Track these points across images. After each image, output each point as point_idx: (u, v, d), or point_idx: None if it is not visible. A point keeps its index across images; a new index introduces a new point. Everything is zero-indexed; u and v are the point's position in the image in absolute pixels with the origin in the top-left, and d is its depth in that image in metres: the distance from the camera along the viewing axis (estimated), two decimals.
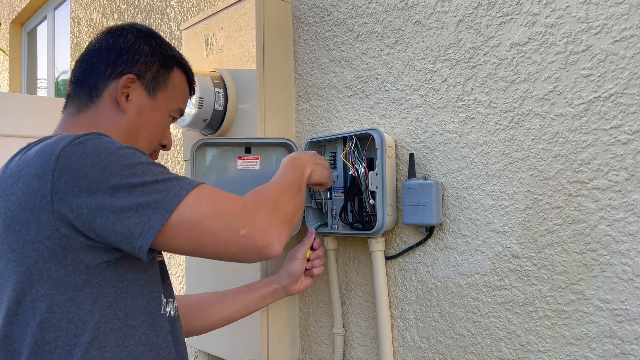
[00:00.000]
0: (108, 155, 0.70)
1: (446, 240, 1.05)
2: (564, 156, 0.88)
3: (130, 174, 0.70)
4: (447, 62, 1.04)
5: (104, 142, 0.72)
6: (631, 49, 0.80)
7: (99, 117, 0.87)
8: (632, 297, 0.80)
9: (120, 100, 0.86)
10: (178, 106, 0.95)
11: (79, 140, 0.71)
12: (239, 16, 1.33)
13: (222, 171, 1.22)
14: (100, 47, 0.88)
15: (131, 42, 0.89)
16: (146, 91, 0.89)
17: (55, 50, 3.81)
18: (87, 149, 0.70)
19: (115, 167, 0.70)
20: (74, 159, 0.69)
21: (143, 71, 0.88)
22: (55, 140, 0.72)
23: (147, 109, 0.90)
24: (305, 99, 1.36)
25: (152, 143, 0.93)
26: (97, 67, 0.87)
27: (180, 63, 0.95)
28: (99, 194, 0.69)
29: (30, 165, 0.71)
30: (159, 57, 0.91)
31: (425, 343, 1.09)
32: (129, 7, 2.38)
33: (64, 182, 0.69)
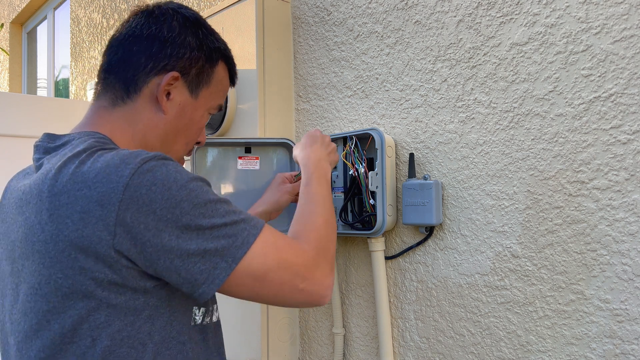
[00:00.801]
0: (179, 190, 0.66)
1: (446, 240, 1.05)
2: (564, 156, 0.88)
3: (199, 214, 0.66)
4: (447, 62, 1.04)
5: (172, 171, 0.66)
6: (631, 49, 0.80)
7: (135, 115, 0.79)
8: (632, 297, 0.80)
9: (162, 100, 0.79)
10: (218, 102, 0.88)
11: (146, 167, 0.65)
12: (239, 16, 1.33)
13: (222, 171, 1.22)
14: (141, 34, 0.78)
15: (176, 32, 0.79)
16: (189, 89, 0.81)
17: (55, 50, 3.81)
18: (156, 180, 0.65)
19: (185, 206, 0.65)
20: (142, 191, 0.64)
21: (187, 67, 0.80)
22: (117, 160, 0.65)
23: (188, 109, 0.82)
24: (305, 99, 1.36)
25: (189, 144, 0.87)
26: (136, 58, 0.78)
27: (225, 55, 0.87)
28: (166, 234, 0.65)
29: (90, 188, 0.64)
30: (205, 52, 0.82)
31: (425, 343, 1.09)
32: (129, 7, 2.38)
33: (130, 216, 0.64)
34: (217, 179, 1.21)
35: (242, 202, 1.24)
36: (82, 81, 2.92)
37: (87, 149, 0.69)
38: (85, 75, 2.89)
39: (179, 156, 0.88)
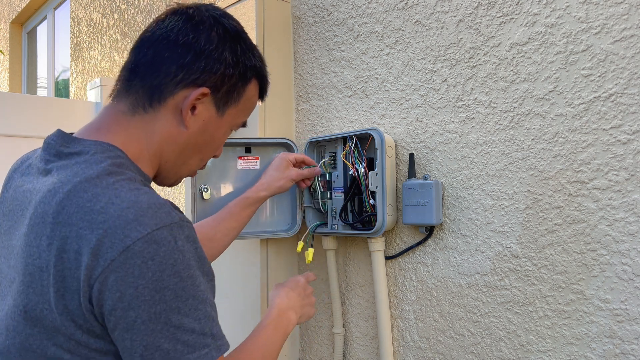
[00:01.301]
0: (170, 276, 0.62)
1: (446, 240, 1.05)
2: (564, 156, 0.88)
3: (176, 308, 0.63)
4: (447, 62, 1.04)
5: (177, 249, 0.63)
6: (631, 49, 0.80)
7: (156, 126, 0.74)
8: (632, 297, 0.80)
9: (186, 115, 0.74)
10: (242, 120, 0.83)
11: (156, 236, 0.61)
12: (239, 16, 1.33)
13: (222, 171, 1.22)
14: (177, 40, 0.72)
15: (214, 44, 0.74)
16: (215, 106, 0.76)
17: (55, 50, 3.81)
18: (156, 255, 0.61)
19: (167, 294, 0.62)
20: (138, 261, 0.60)
21: (219, 84, 0.75)
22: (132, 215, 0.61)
23: (212, 126, 0.78)
24: (305, 99, 1.36)
25: (204, 160, 0.83)
26: (167, 66, 0.72)
27: (260, 73, 0.82)
28: (134, 313, 0.62)
29: (92, 231, 0.61)
30: (240, 69, 0.76)
31: (425, 343, 1.09)
32: (129, 7, 2.38)
33: (113, 279, 0.61)
34: (217, 179, 1.21)
35: None
36: (82, 81, 2.92)
37: (101, 175, 0.65)
38: (85, 75, 2.89)
39: (192, 170, 0.84)
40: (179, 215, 0.65)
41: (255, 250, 1.30)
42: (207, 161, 0.85)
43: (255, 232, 1.24)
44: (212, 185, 1.20)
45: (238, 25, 0.78)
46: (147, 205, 0.63)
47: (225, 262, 1.38)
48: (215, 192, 1.21)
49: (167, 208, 0.64)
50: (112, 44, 2.54)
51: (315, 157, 1.25)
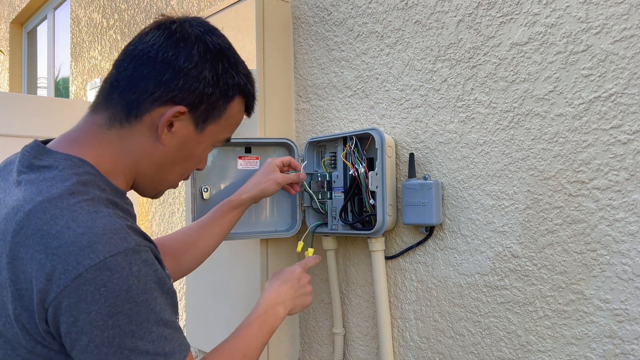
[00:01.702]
0: (124, 302, 0.63)
1: (446, 240, 1.05)
2: (564, 156, 0.88)
3: (129, 332, 0.64)
4: (447, 62, 1.04)
5: (132, 276, 0.63)
6: (631, 49, 0.80)
7: (131, 141, 0.75)
8: (632, 297, 0.80)
9: (162, 132, 0.74)
10: (226, 136, 0.83)
11: (109, 263, 0.62)
12: (239, 16, 1.33)
13: (222, 171, 1.22)
14: (156, 57, 0.73)
15: (194, 63, 0.73)
16: (194, 124, 0.76)
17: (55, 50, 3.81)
18: (109, 282, 0.62)
19: (120, 319, 0.63)
20: (90, 288, 0.61)
21: (197, 103, 0.74)
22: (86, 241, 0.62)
23: (190, 143, 0.78)
24: (305, 99, 1.36)
25: (185, 174, 0.84)
26: (145, 82, 0.73)
27: (244, 90, 0.81)
28: (87, 337, 0.63)
29: (47, 256, 0.62)
30: (220, 88, 0.76)
31: (425, 343, 1.09)
32: (129, 7, 2.38)
33: (67, 304, 0.62)
34: (217, 179, 1.21)
35: None
36: (82, 81, 2.92)
37: (64, 195, 0.66)
38: (85, 75, 2.89)
39: (169, 185, 0.85)
40: (135, 240, 0.65)
41: (255, 250, 1.30)
42: (188, 175, 0.85)
43: (255, 232, 1.24)
44: (212, 185, 1.20)
45: (222, 41, 0.78)
46: (102, 232, 0.63)
47: (225, 262, 1.38)
48: (215, 192, 1.21)
49: (123, 233, 0.65)
50: (112, 44, 2.54)
51: (315, 157, 1.25)
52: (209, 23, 0.79)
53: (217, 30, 0.79)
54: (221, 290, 1.39)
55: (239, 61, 0.80)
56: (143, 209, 2.19)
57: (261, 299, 0.96)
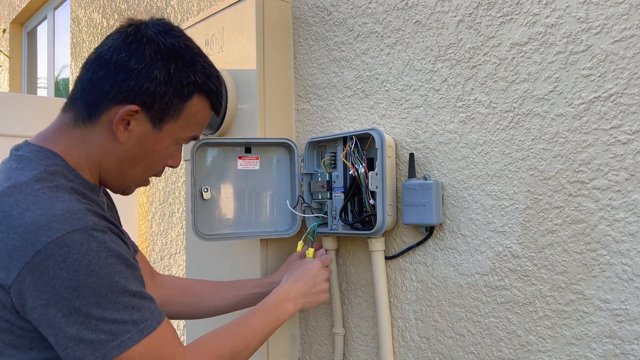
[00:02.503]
0: (86, 275, 0.67)
1: (446, 240, 1.05)
2: (564, 156, 0.88)
3: (95, 302, 0.68)
4: (447, 62, 1.04)
5: (90, 251, 0.67)
6: (631, 49, 0.80)
7: (93, 139, 0.79)
8: (632, 297, 0.80)
9: (117, 131, 0.78)
10: (190, 135, 0.86)
11: (66, 239, 0.66)
12: (239, 16, 1.33)
13: (222, 171, 1.22)
14: (110, 59, 0.77)
15: (145, 62, 0.76)
16: (151, 123, 0.80)
17: (55, 50, 3.81)
18: (69, 257, 0.66)
19: (85, 291, 0.67)
20: (50, 263, 0.66)
21: (150, 102, 0.78)
22: (44, 221, 0.67)
23: (148, 141, 0.81)
24: (305, 99, 1.36)
25: (149, 172, 0.87)
26: (101, 83, 0.77)
27: (204, 89, 0.83)
28: (54, 309, 0.67)
29: (9, 235, 0.67)
30: (174, 87, 0.78)
31: (425, 343, 1.09)
32: (129, 7, 2.38)
33: (30, 280, 0.66)
34: (217, 179, 1.21)
35: (242, 202, 1.24)
36: None
37: (29, 181, 0.71)
38: None
39: (137, 183, 0.88)
40: (93, 220, 0.70)
41: (255, 250, 1.30)
42: (157, 171, 0.88)
43: (255, 232, 1.24)
44: (212, 185, 1.20)
45: (178, 41, 0.80)
46: (60, 212, 0.68)
47: (225, 262, 1.38)
48: (215, 192, 1.21)
49: (81, 214, 0.69)
50: None
51: (315, 157, 1.25)
52: (170, 24, 0.82)
53: (175, 30, 0.81)
54: None
55: (197, 60, 0.82)
56: (143, 209, 2.19)
57: (273, 292, 0.99)
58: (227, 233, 1.22)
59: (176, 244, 1.94)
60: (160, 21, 0.82)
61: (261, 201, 1.26)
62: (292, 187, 1.26)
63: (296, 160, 1.23)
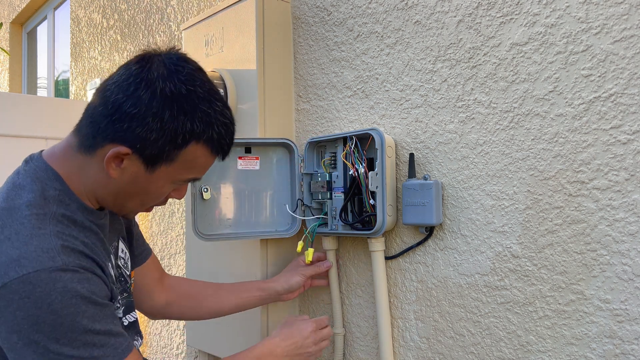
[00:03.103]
0: (47, 314, 0.70)
1: (446, 240, 1.05)
2: (564, 156, 0.88)
3: (54, 339, 0.70)
4: (447, 62, 1.04)
5: (55, 291, 0.70)
6: (631, 49, 0.80)
7: (90, 169, 0.81)
8: (632, 297, 0.80)
9: (109, 168, 0.79)
10: (188, 177, 0.85)
11: (32, 278, 0.69)
12: (239, 16, 1.33)
13: (222, 171, 1.22)
14: (110, 97, 0.77)
15: (142, 106, 0.75)
16: (144, 164, 0.79)
17: (55, 50, 3.81)
18: (32, 295, 0.69)
19: (44, 328, 0.70)
20: (15, 297, 0.69)
21: (142, 146, 0.77)
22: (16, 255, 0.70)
23: (141, 180, 0.81)
24: (305, 99, 1.36)
25: (145, 205, 0.87)
26: (99, 119, 0.78)
27: (202, 137, 0.80)
28: (16, 336, 0.70)
29: None
30: (167, 135, 0.77)
31: (425, 343, 1.09)
32: (129, 7, 2.38)
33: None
34: (217, 179, 1.22)
35: (242, 202, 1.24)
36: (82, 81, 2.92)
37: (22, 206, 0.75)
38: (85, 75, 2.89)
39: (135, 212, 0.89)
40: (63, 260, 0.72)
41: (255, 250, 1.30)
42: (157, 203, 0.88)
43: (255, 232, 1.24)
44: (212, 185, 1.20)
45: (182, 86, 0.77)
46: (33, 249, 0.71)
47: (225, 262, 1.38)
48: (215, 192, 1.21)
49: (53, 253, 0.72)
50: (112, 44, 2.54)
51: (315, 157, 1.25)
52: (181, 61, 0.79)
53: (183, 71, 0.78)
54: None
55: (198, 107, 0.78)
56: None
57: (261, 343, 1.02)
58: (227, 233, 1.22)
59: (176, 244, 1.94)
60: (171, 58, 0.79)
61: (261, 201, 1.26)
62: (292, 187, 1.26)
63: (296, 160, 1.23)
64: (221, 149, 0.84)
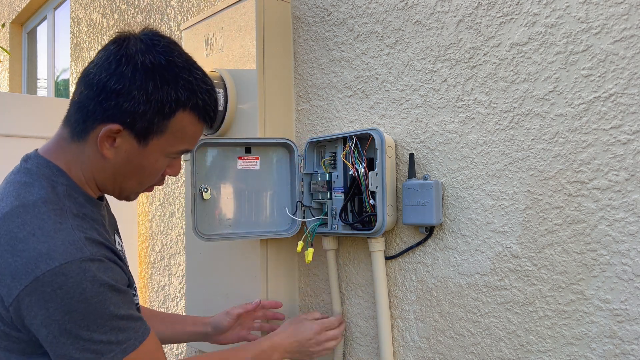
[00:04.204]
0: (77, 303, 0.72)
1: (446, 240, 1.05)
2: (564, 156, 0.88)
3: (84, 326, 0.74)
4: (447, 62, 1.04)
5: (85, 280, 0.73)
6: (631, 49, 0.80)
7: (86, 155, 0.83)
8: (632, 297, 0.80)
9: (103, 148, 0.80)
10: (180, 149, 0.86)
11: (64, 269, 0.72)
12: (239, 16, 1.33)
13: (222, 171, 1.22)
14: (94, 78, 0.79)
15: (126, 81, 0.77)
16: (136, 139, 0.81)
17: (55, 50, 3.81)
18: (64, 285, 0.71)
19: (75, 316, 0.73)
20: (47, 289, 0.71)
21: (132, 120, 0.79)
22: (45, 249, 0.72)
23: (135, 157, 0.83)
24: (305, 99, 1.36)
25: (144, 184, 0.89)
26: (86, 103, 0.80)
27: (188, 105, 0.82)
28: (47, 330, 0.73)
29: (13, 256, 0.72)
30: (155, 105, 0.79)
31: (425, 343, 1.09)
32: (129, 7, 2.38)
33: (28, 301, 0.72)
34: (217, 179, 1.22)
35: (242, 202, 1.24)
36: None
37: (37, 202, 0.76)
38: None
39: (134, 192, 0.91)
40: (90, 250, 0.75)
41: (255, 250, 1.30)
42: (154, 182, 0.90)
43: (255, 232, 1.24)
44: (212, 185, 1.20)
45: (159, 58, 0.79)
46: (60, 242, 0.73)
47: (225, 262, 1.38)
48: (215, 192, 1.21)
49: (80, 244, 0.74)
50: None
51: (315, 157, 1.25)
52: (156, 36, 0.82)
53: (159, 44, 0.81)
54: (221, 290, 1.39)
55: (180, 76, 0.81)
56: (143, 209, 2.19)
57: (269, 336, 1.06)
58: (227, 233, 1.22)
59: (176, 244, 1.94)
60: (146, 35, 0.82)
61: (261, 201, 1.26)
62: (292, 187, 1.26)
63: (296, 160, 1.23)
64: (207, 115, 0.86)
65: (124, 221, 2.10)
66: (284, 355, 1.06)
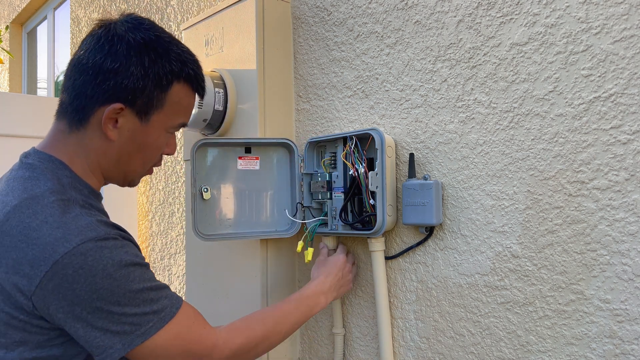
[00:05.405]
0: (102, 279, 0.73)
1: (446, 240, 1.05)
2: (564, 156, 0.88)
3: (115, 302, 0.74)
4: (447, 62, 1.04)
5: (105, 257, 0.73)
6: (631, 49, 0.80)
7: (87, 143, 0.83)
8: (632, 297, 0.80)
9: (107, 130, 0.82)
10: (178, 122, 0.89)
11: (82, 249, 0.72)
12: (239, 16, 1.33)
13: (222, 171, 1.22)
14: (87, 64, 0.80)
15: (120, 61, 0.79)
16: (137, 116, 0.83)
17: (55, 50, 3.81)
18: (85, 264, 0.72)
19: (103, 293, 0.73)
20: (69, 271, 0.71)
21: (132, 97, 0.81)
22: (60, 233, 0.72)
23: (138, 135, 0.84)
24: (305, 99, 1.36)
25: (147, 164, 0.90)
26: (83, 89, 0.80)
27: (182, 75, 0.85)
28: (79, 308, 0.73)
29: (29, 245, 0.72)
30: (152, 79, 0.81)
31: (425, 343, 1.09)
32: (129, 7, 2.38)
33: (52, 286, 0.71)
34: (217, 179, 1.22)
35: (242, 202, 1.24)
36: None
37: (45, 193, 0.76)
38: None
39: (138, 174, 0.92)
40: (105, 230, 0.76)
41: (255, 250, 1.30)
42: (155, 161, 0.92)
43: (255, 232, 1.24)
44: (212, 185, 1.20)
45: (148, 34, 0.82)
46: (74, 226, 0.74)
47: (225, 262, 1.38)
48: (215, 192, 1.21)
49: (93, 225, 0.75)
50: None
51: (315, 157, 1.25)
52: (138, 18, 0.85)
53: (144, 24, 0.84)
54: (221, 290, 1.39)
55: (170, 49, 0.84)
56: (143, 209, 2.19)
57: (307, 285, 1.06)
58: (227, 233, 1.22)
59: (176, 244, 1.94)
60: (129, 17, 0.85)
61: (261, 201, 1.26)
62: (292, 187, 1.26)
63: (296, 160, 1.23)
64: (199, 84, 0.90)
65: (124, 221, 2.10)
66: (328, 296, 1.07)
